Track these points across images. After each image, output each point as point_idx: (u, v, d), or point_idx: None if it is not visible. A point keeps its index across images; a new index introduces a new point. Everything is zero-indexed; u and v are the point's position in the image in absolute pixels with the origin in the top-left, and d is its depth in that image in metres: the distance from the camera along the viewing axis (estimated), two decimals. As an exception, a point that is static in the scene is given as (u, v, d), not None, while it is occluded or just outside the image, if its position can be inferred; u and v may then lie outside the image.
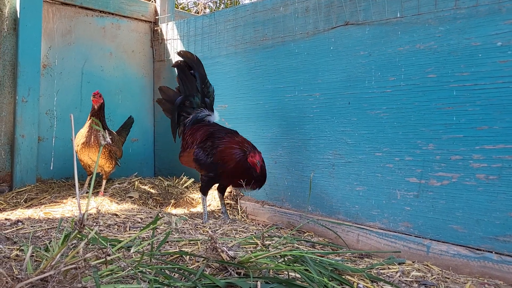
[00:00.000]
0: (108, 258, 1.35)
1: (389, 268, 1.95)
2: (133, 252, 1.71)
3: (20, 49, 3.43)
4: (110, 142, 1.53)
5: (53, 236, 2.16)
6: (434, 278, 1.87)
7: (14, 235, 2.11)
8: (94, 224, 2.49)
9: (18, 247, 1.89)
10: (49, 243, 1.86)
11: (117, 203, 3.11)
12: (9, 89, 3.48)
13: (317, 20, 2.83)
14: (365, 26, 2.58)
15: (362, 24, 2.59)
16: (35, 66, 3.49)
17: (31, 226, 2.33)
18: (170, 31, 4.13)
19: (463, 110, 2.16)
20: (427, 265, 2.09)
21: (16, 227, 2.31)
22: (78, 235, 1.39)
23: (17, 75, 3.44)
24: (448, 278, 1.91)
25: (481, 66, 2.10)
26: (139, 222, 2.64)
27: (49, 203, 2.97)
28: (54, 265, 1.29)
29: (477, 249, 2.07)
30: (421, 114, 2.32)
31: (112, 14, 4.09)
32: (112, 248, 1.46)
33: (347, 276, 1.76)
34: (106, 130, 3.20)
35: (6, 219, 2.48)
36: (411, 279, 1.83)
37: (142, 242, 1.91)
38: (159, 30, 4.26)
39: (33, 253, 1.75)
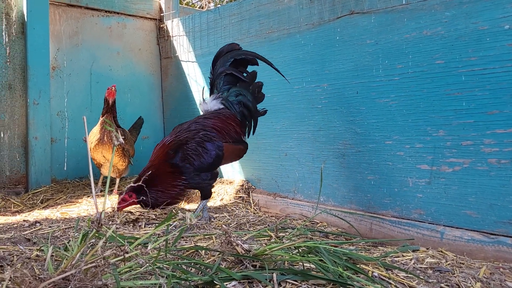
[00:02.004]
0: (126, 255, 1.38)
1: (403, 256, 1.96)
2: (150, 249, 1.74)
3: (29, 52, 3.48)
4: (123, 142, 1.55)
5: (71, 235, 2.20)
6: (448, 264, 1.88)
7: (33, 236, 2.16)
8: (110, 222, 2.53)
9: (38, 248, 1.94)
10: (68, 243, 1.90)
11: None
12: (20, 92, 3.53)
13: (322, 10, 2.83)
14: (370, 15, 2.57)
15: (368, 13, 2.58)
16: (45, 68, 3.54)
17: (49, 227, 2.38)
18: (175, 28, 4.14)
19: (473, 95, 2.15)
20: (442, 251, 2.10)
21: (34, 228, 2.36)
22: (96, 234, 1.42)
23: (27, 78, 3.48)
24: (463, 264, 1.91)
25: (490, 50, 2.09)
26: (154, 219, 2.67)
27: (65, 203, 3.02)
28: (75, 264, 1.33)
29: (491, 234, 2.07)
30: (430, 100, 2.31)
31: (118, 13, 4.11)
32: (130, 245, 1.50)
33: (361, 265, 1.77)
34: (119, 129, 3.24)
35: (24, 220, 2.53)
36: (426, 266, 1.84)
37: (158, 239, 1.94)
38: (165, 27, 4.27)
39: (53, 253, 1.79)
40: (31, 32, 3.49)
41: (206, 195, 2.68)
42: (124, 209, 2.57)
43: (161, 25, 4.33)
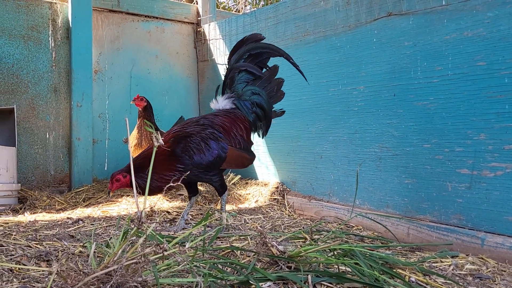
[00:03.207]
0: (165, 253, 1.43)
1: (441, 261, 1.92)
2: (188, 248, 1.78)
3: (73, 57, 3.63)
4: (163, 143, 1.61)
5: (111, 233, 2.28)
6: (489, 271, 1.83)
7: (77, 233, 2.25)
8: (149, 221, 2.60)
9: (81, 244, 2.02)
10: (109, 240, 1.97)
11: (168, 200, 3.23)
12: (64, 95, 3.69)
13: (359, 12, 2.81)
14: (408, 16, 2.53)
15: (406, 14, 2.54)
16: (88, 72, 3.68)
17: (91, 224, 2.48)
18: (212, 31, 4.21)
19: (516, 98, 2.08)
20: (482, 258, 2.04)
21: (77, 225, 2.46)
22: (136, 232, 1.47)
23: (71, 81, 3.63)
24: (504, 271, 1.85)
25: (535, 51, 2.02)
26: (191, 219, 2.73)
27: (106, 202, 3.13)
28: (116, 260, 1.38)
29: (536, 241, 2.00)
30: (471, 103, 2.25)
31: (157, 18, 4.22)
32: (168, 243, 1.54)
33: (398, 270, 1.75)
34: (158, 131, 3.32)
35: (68, 218, 2.64)
36: (465, 272, 1.79)
37: (195, 238, 1.99)
38: (202, 31, 4.35)
39: (95, 249, 1.87)
40: (76, 37, 3.64)
41: (218, 190, 2.52)
42: (115, 190, 2.38)
43: (198, 29, 4.41)
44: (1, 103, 3.40)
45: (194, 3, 4.53)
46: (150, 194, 2.42)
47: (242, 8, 7.75)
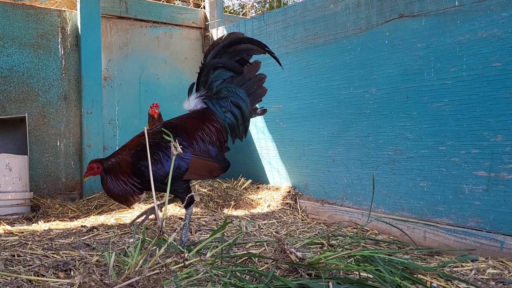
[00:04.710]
0: (186, 262, 1.42)
1: (462, 266, 1.90)
2: (209, 256, 1.77)
3: (83, 64, 3.64)
4: (181, 151, 1.60)
5: (126, 241, 2.28)
6: (511, 275, 1.80)
7: (92, 241, 2.25)
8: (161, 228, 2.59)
9: (97, 253, 2.01)
10: (127, 248, 1.97)
11: (180, 206, 3.22)
12: (74, 102, 3.70)
13: (370, 14, 2.79)
14: (421, 18, 2.51)
15: (418, 16, 2.53)
16: (97, 79, 3.69)
17: (106, 232, 2.47)
18: (220, 36, 4.20)
19: (534, 98, 2.05)
20: (502, 262, 2.01)
21: (92, 233, 2.46)
22: (156, 242, 1.46)
23: (81, 88, 3.64)
24: (527, 275, 1.83)
25: (552, 51, 2.00)
26: (204, 225, 2.72)
27: (118, 209, 3.13)
28: (138, 270, 1.37)
29: (557, 244, 1.97)
30: (486, 104, 2.23)
31: (165, 23, 4.23)
32: (189, 252, 1.53)
33: (419, 275, 1.73)
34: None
35: (82, 226, 2.64)
36: (487, 277, 1.77)
37: (211, 246, 1.97)
38: (210, 35, 4.35)
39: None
40: (85, 44, 3.65)
41: (183, 202, 2.21)
42: (88, 177, 2.25)
43: (206, 34, 4.41)
44: (12, 112, 3.41)
45: (201, 8, 4.53)
46: (116, 201, 2.29)
47: (248, 11, 7.75)
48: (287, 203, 3.27)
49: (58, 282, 1.60)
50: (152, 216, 2.44)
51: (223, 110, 2.36)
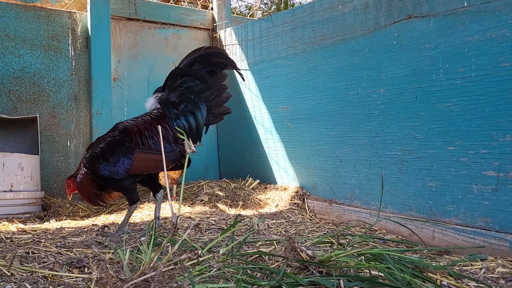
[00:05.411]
0: (200, 259, 1.44)
1: (471, 265, 1.91)
2: (222, 254, 1.79)
3: (92, 65, 3.68)
4: (195, 150, 1.62)
5: (137, 238, 2.31)
6: (521, 274, 1.81)
7: (104, 239, 2.28)
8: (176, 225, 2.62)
9: (110, 251, 2.04)
10: (140, 246, 1.99)
11: (189, 206, 3.25)
12: (84, 103, 3.74)
13: (378, 15, 2.81)
14: (429, 18, 2.53)
15: (426, 16, 2.54)
16: (107, 79, 3.73)
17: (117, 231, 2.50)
18: (228, 37, 4.24)
19: (543, 98, 2.06)
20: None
21: (103, 232, 2.49)
22: (171, 239, 1.48)
23: (91, 89, 3.68)
24: (536, 274, 1.84)
25: (561, 51, 2.00)
26: (213, 224, 2.74)
27: (128, 208, 3.15)
28: (153, 266, 1.40)
29: None
30: (495, 105, 2.24)
31: (173, 25, 4.27)
32: (202, 250, 1.56)
33: (428, 273, 1.75)
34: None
35: (93, 224, 2.67)
36: (497, 276, 1.78)
37: (227, 244, 2.00)
38: (218, 36, 4.38)
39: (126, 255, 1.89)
40: (95, 45, 3.69)
41: (127, 199, 2.49)
42: (71, 194, 2.53)
43: (214, 35, 4.44)
44: (23, 112, 3.45)
45: (209, 9, 4.56)
46: (92, 204, 2.55)
47: (255, 13, 7.78)
48: (295, 203, 3.29)
49: (75, 277, 1.63)
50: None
51: (177, 113, 2.49)
